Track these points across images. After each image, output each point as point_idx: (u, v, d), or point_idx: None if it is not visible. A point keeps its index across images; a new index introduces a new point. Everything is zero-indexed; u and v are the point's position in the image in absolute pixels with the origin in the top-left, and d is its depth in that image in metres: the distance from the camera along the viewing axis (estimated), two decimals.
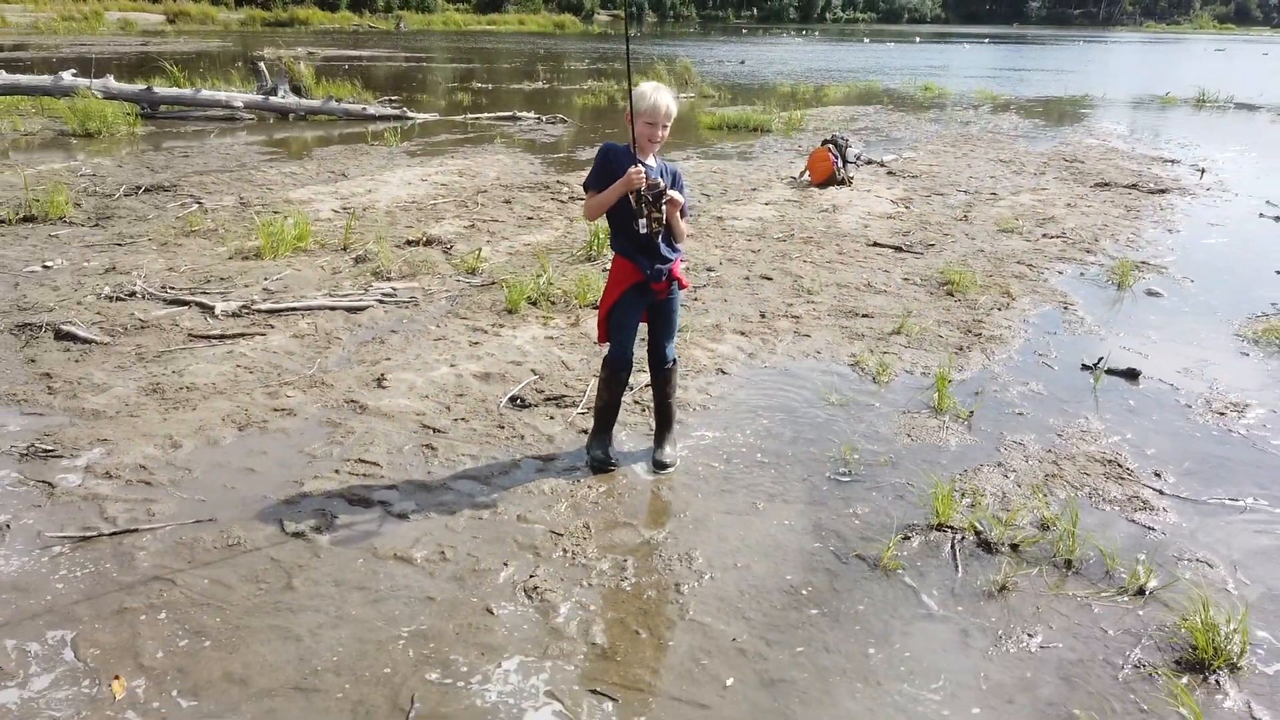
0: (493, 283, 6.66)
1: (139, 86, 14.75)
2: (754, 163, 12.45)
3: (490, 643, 3.00)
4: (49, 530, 3.50)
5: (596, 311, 4.90)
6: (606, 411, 4.18)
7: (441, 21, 64.96)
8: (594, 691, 2.81)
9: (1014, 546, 3.62)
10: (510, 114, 16.51)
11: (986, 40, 64.80)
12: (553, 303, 6.26)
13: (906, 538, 3.66)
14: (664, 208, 3.73)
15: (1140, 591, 3.33)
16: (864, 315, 6.27)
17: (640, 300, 3.97)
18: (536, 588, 3.28)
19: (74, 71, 14.80)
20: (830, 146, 10.85)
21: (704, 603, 3.25)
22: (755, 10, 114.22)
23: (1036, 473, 4.20)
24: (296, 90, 16.79)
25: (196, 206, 8.64)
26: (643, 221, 3.72)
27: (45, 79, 14.46)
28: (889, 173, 11.79)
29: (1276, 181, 11.71)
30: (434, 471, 4.06)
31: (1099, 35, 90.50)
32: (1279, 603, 3.33)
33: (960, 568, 3.48)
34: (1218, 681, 2.92)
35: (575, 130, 15.34)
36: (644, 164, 3.76)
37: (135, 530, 3.52)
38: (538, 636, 3.04)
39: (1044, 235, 8.62)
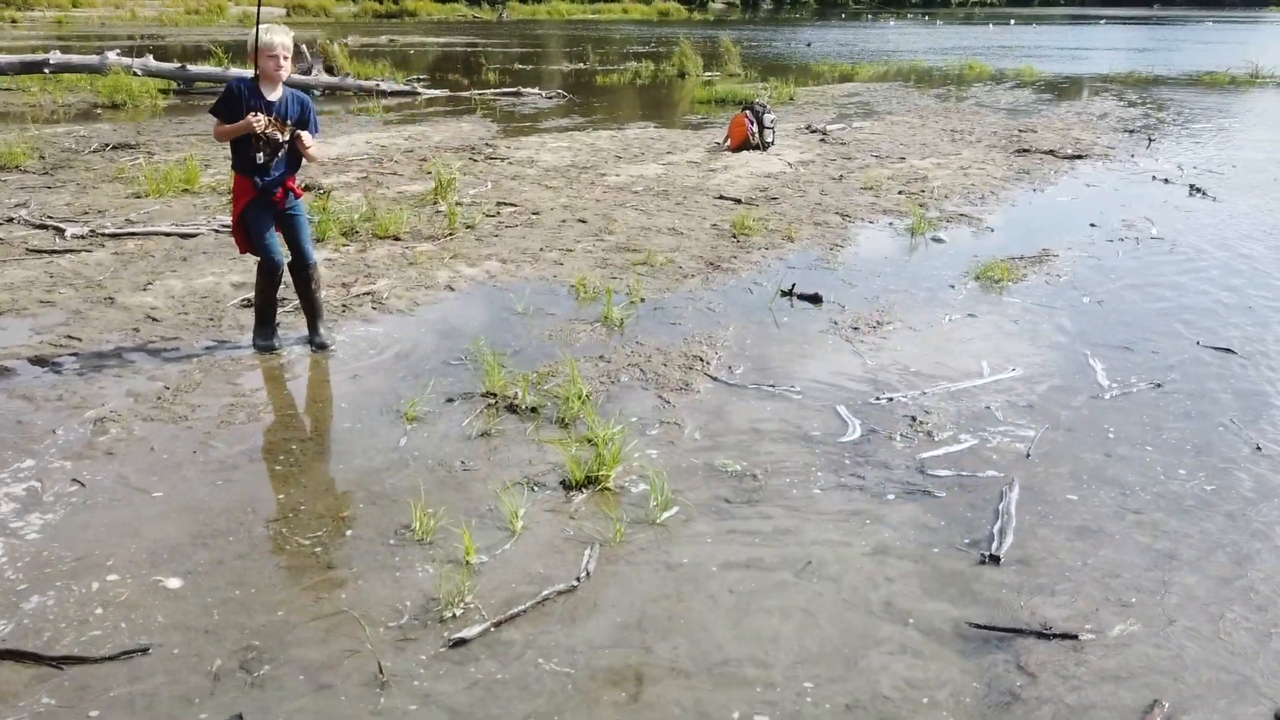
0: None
1: (174, 65, 16.38)
2: (701, 132, 12.94)
3: (29, 448, 3.86)
4: None
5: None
6: (264, 307, 4.95)
7: (546, 12, 66.85)
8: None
9: (534, 409, 4.23)
10: (515, 89, 17.45)
11: (1102, 21, 61.86)
12: (358, 234, 7.09)
13: (451, 400, 4.34)
14: (287, 138, 4.55)
15: (590, 442, 3.89)
16: (633, 250, 6.84)
17: (266, 213, 4.73)
18: (107, 419, 4.11)
19: (118, 52, 16.55)
20: (748, 113, 11.27)
21: (243, 429, 4.02)
22: None
23: (622, 361, 4.78)
24: (329, 70, 18.22)
25: (143, 160, 9.87)
26: (260, 155, 4.53)
27: (93, 58, 16.24)
28: (821, 140, 12.11)
29: (1214, 152, 11.44)
30: (119, 346, 4.94)
31: (1250, 16, 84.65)
32: (714, 450, 3.85)
33: (472, 420, 4.13)
34: (580, 491, 3.54)
35: (567, 104, 16.15)
36: (267, 100, 4.56)
37: None
38: (78, 450, 3.87)
39: (899, 192, 8.90)
